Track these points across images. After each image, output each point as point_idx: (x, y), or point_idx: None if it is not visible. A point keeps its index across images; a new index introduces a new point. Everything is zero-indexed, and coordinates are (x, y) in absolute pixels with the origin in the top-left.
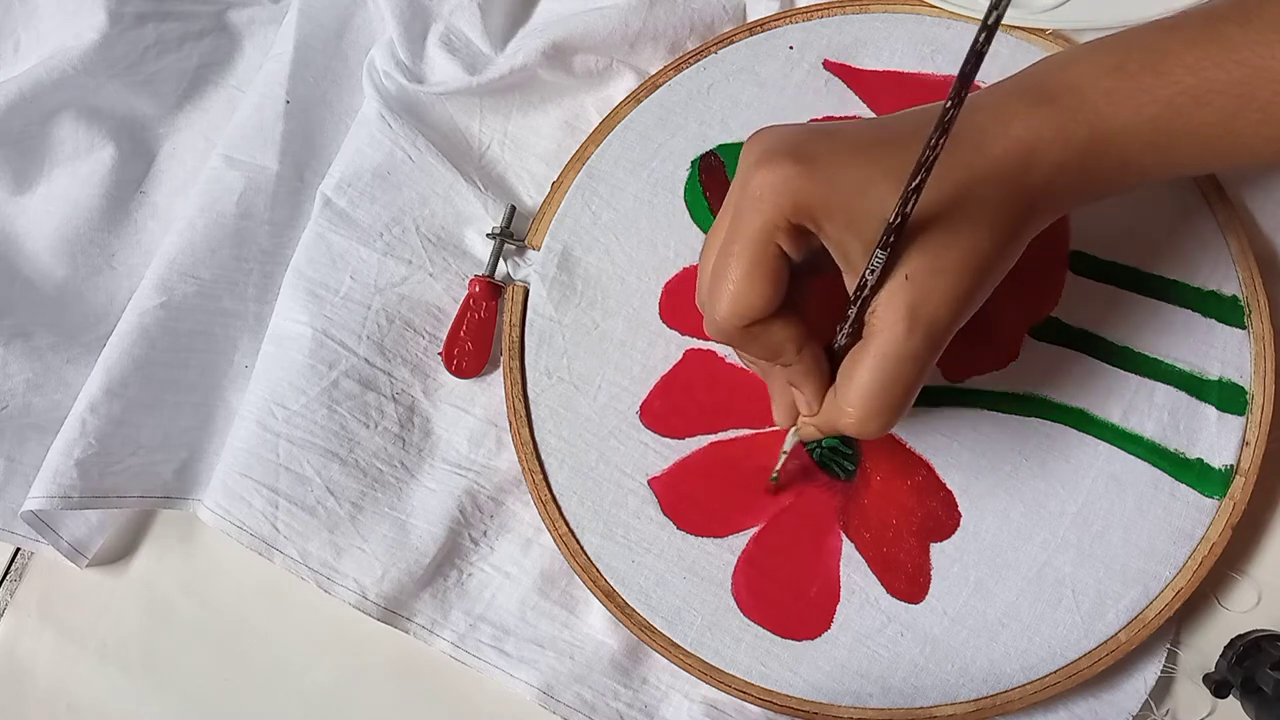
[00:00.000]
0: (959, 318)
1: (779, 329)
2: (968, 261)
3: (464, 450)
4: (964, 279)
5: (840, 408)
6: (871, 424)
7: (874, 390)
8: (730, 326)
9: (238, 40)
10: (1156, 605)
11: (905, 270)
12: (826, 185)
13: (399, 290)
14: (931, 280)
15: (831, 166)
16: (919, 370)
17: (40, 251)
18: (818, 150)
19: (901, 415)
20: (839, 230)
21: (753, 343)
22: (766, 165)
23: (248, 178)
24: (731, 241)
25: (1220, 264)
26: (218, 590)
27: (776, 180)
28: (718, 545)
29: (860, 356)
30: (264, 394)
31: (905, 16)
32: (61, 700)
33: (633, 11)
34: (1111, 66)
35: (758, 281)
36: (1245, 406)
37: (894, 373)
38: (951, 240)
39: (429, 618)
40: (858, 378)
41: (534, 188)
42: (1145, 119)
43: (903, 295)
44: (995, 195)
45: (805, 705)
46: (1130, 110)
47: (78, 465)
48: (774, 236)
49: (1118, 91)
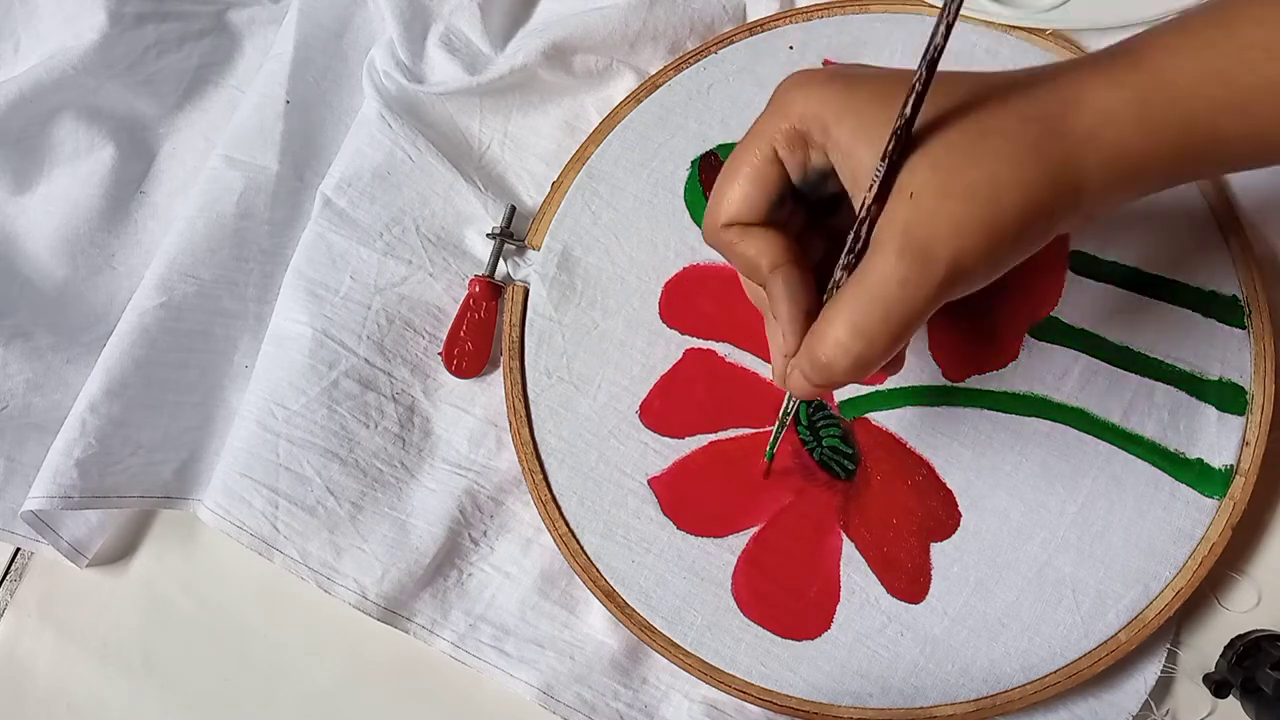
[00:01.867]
0: (963, 256)
1: (757, 239)
2: (984, 192)
3: (464, 450)
4: (976, 210)
5: (819, 334)
6: (845, 350)
7: (851, 312)
8: (712, 223)
9: (238, 40)
10: (1156, 605)
11: (911, 188)
12: (842, 93)
13: (399, 290)
14: (936, 202)
15: (854, 80)
16: (908, 300)
17: (40, 251)
18: (848, 70)
19: (881, 351)
20: (848, 136)
21: (731, 250)
22: (795, 77)
23: (248, 178)
24: (741, 144)
25: (1220, 264)
26: (218, 590)
27: (794, 88)
28: (718, 545)
29: (849, 281)
30: (264, 394)
31: (905, 16)
32: (61, 700)
33: (633, 11)
34: (1174, 27)
35: (742, 183)
36: (1245, 406)
37: (876, 295)
38: (969, 164)
39: (429, 618)
40: (838, 302)
41: (534, 188)
42: (1212, 72)
43: (902, 212)
44: (1026, 131)
45: (805, 705)
46: (1195, 64)
47: (78, 465)
48: (772, 140)
49: (1181, 47)
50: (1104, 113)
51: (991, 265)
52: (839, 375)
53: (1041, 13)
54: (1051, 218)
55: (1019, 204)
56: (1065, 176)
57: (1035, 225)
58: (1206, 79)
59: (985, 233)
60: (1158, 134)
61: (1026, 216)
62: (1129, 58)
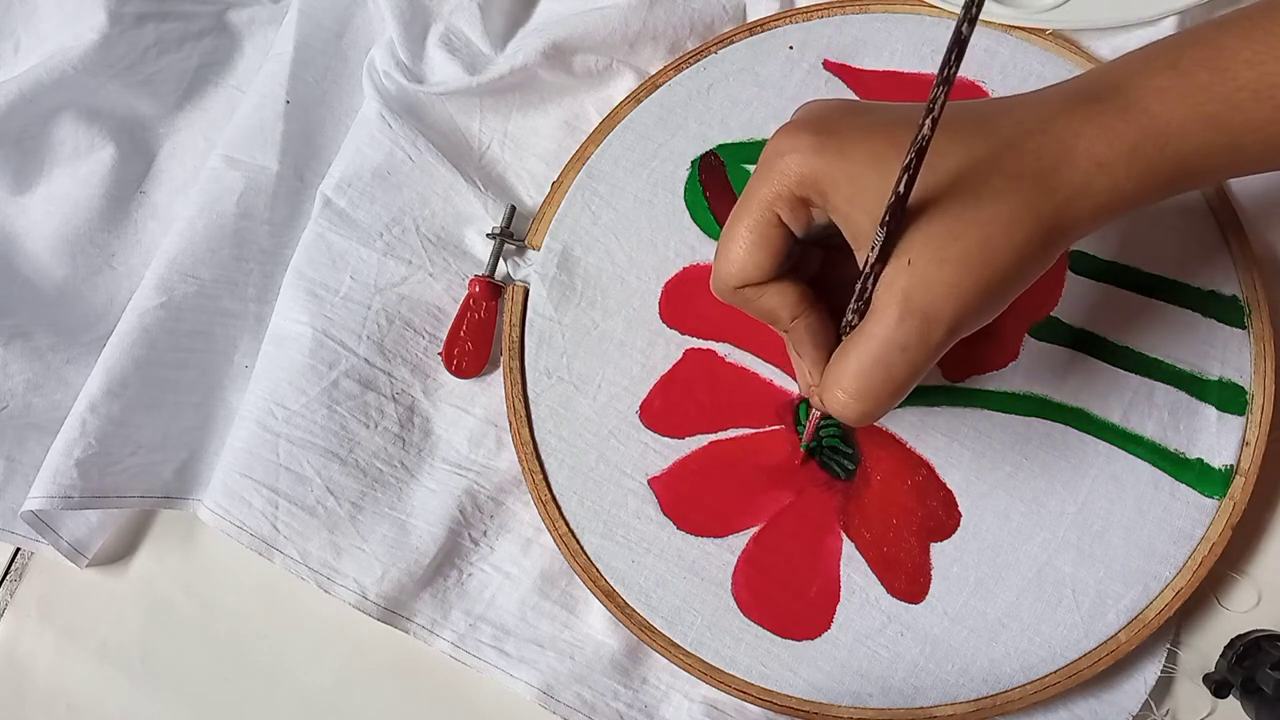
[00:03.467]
0: (961, 316)
1: (774, 295)
2: (977, 256)
3: (464, 450)
4: (970, 274)
5: (827, 384)
6: (851, 408)
7: (856, 373)
8: (723, 287)
9: (238, 40)
10: (1156, 605)
11: (909, 254)
12: (836, 158)
13: (399, 290)
14: (934, 269)
15: (847, 141)
16: (909, 363)
17: (40, 251)
18: (841, 124)
19: (886, 406)
20: (845, 203)
21: (746, 305)
22: (787, 134)
23: (248, 178)
24: (740, 205)
25: (1220, 264)
26: (218, 590)
27: (789, 149)
28: (718, 545)
29: (854, 336)
30: (264, 394)
31: (905, 16)
32: (61, 700)
33: (633, 11)
34: (1164, 65)
35: (750, 248)
36: (1245, 406)
37: (879, 358)
38: (962, 230)
39: (429, 618)
40: (846, 356)
41: (534, 188)
42: (1203, 117)
43: (900, 279)
44: (1016, 194)
45: (805, 705)
46: (1186, 109)
47: (78, 465)
48: (773, 205)
49: (1171, 90)
50: (1096, 164)
51: (990, 313)
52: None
53: (1041, 13)
54: (1045, 261)
55: (1013, 262)
56: (1058, 225)
57: (1029, 272)
58: (1197, 124)
59: (981, 292)
60: (1149, 175)
61: (1021, 270)
62: (1119, 100)
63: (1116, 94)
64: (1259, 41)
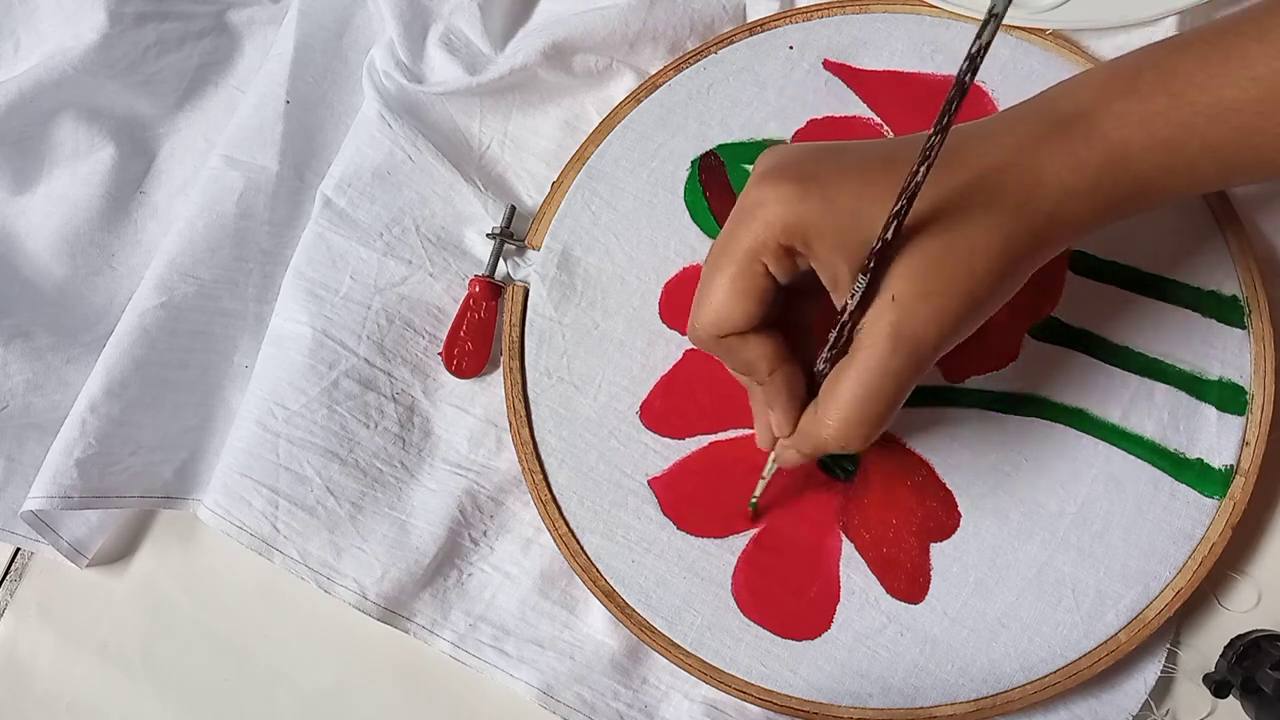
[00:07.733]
0: (945, 341)
1: (754, 346)
2: (957, 288)
3: (464, 450)
4: (952, 304)
5: (820, 420)
6: (851, 437)
7: (854, 403)
8: (705, 336)
9: (238, 40)
10: (1156, 605)
11: (892, 291)
12: (821, 206)
13: (399, 290)
14: (919, 304)
15: (830, 187)
16: (900, 387)
17: (40, 251)
18: (820, 170)
19: (880, 429)
20: (829, 251)
21: (727, 355)
22: (766, 182)
23: (248, 178)
24: (720, 254)
25: (1220, 264)
26: (218, 590)
27: (771, 199)
28: (718, 545)
29: (843, 370)
30: (264, 394)
31: (905, 16)
32: (61, 700)
33: (633, 11)
34: (1122, 90)
35: (735, 297)
36: (1245, 406)
37: (876, 387)
38: (941, 266)
39: (429, 618)
40: (839, 390)
41: (534, 188)
42: (1160, 141)
43: (888, 314)
44: (993, 224)
45: (805, 705)
46: (1144, 134)
47: (78, 465)
48: (760, 255)
49: (1130, 115)
50: (1065, 191)
51: (971, 330)
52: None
53: (1041, 13)
54: (1021, 280)
55: (992, 286)
56: (1033, 249)
57: (1008, 291)
58: (1154, 148)
59: (964, 318)
60: (1114, 195)
61: (1000, 291)
62: (1082, 126)
63: (1080, 119)
64: (1214, 65)
